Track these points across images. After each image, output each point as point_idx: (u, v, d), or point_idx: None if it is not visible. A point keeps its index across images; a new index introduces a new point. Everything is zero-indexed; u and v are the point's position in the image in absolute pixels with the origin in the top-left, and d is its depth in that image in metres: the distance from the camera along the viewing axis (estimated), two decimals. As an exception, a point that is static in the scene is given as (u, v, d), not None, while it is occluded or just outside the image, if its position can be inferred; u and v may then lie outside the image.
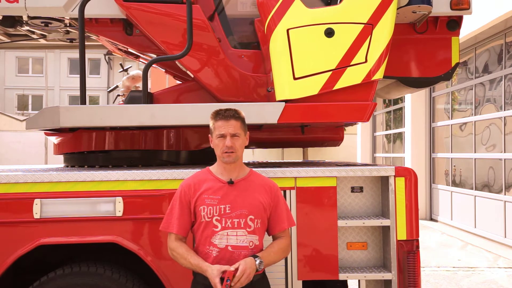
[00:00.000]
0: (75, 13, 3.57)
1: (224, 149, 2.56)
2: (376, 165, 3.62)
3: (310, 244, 3.19)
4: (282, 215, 2.68)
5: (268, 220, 2.66)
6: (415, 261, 3.20)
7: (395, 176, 3.24)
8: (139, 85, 5.11)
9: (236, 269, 2.41)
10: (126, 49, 4.26)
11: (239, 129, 2.58)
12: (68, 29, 4.16)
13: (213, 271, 2.41)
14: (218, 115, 2.60)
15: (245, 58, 3.74)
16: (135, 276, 3.18)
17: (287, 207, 2.76)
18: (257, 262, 2.48)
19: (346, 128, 4.71)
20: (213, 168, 2.71)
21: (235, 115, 2.59)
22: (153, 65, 3.88)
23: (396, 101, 13.95)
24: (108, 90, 6.06)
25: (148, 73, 3.54)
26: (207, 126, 2.74)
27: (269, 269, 2.78)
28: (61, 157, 4.13)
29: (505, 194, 8.68)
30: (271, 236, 2.73)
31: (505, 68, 8.87)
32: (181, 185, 2.69)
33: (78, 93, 4.40)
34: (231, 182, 2.60)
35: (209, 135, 2.69)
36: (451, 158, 10.95)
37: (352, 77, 3.32)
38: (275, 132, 4.33)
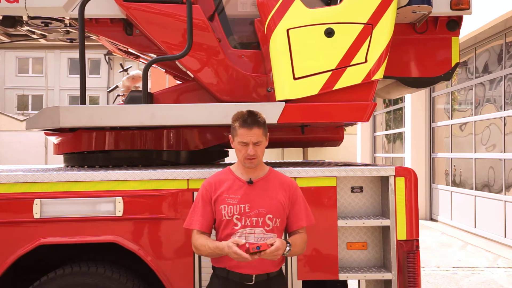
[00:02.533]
0: (75, 13, 3.57)
1: (247, 156, 2.60)
2: (376, 165, 3.62)
3: (310, 244, 3.17)
4: (301, 212, 2.70)
5: (287, 218, 2.69)
6: (415, 261, 3.20)
7: (395, 176, 3.24)
8: (139, 85, 5.11)
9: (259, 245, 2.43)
10: (126, 49, 4.26)
11: (261, 137, 2.62)
12: (68, 29, 4.16)
13: (228, 243, 2.43)
14: (241, 121, 2.60)
15: (245, 58, 3.74)
16: (135, 276, 3.19)
17: (306, 205, 2.76)
18: (287, 249, 2.50)
19: (346, 128, 4.70)
20: (233, 167, 2.75)
21: (258, 122, 2.61)
22: (153, 65, 3.88)
23: (396, 101, 13.95)
24: (108, 90, 6.06)
25: (148, 73, 3.54)
26: (207, 126, 2.75)
27: (269, 269, 2.78)
28: (61, 157, 4.13)
29: (505, 194, 8.68)
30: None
31: (505, 68, 8.87)
32: (203, 184, 2.73)
33: (78, 93, 4.39)
34: (250, 182, 2.64)
35: (230, 135, 2.71)
36: (451, 158, 10.95)
37: (352, 77, 3.32)
38: (275, 132, 4.33)
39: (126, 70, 5.39)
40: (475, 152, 9.84)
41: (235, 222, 2.59)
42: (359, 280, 3.93)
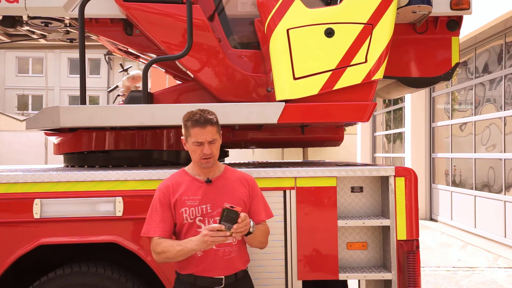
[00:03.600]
0: (75, 13, 3.57)
1: (203, 156, 2.55)
2: (376, 165, 3.62)
3: (310, 244, 3.19)
4: (260, 207, 2.70)
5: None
6: (415, 261, 3.20)
7: (395, 176, 3.24)
8: (139, 85, 5.11)
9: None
10: (126, 49, 4.26)
11: (216, 134, 2.57)
12: (68, 29, 4.16)
13: (203, 229, 2.41)
14: (193, 121, 2.54)
15: (245, 58, 3.74)
16: (135, 276, 3.19)
17: (264, 199, 2.77)
18: (252, 224, 2.49)
19: (346, 128, 4.71)
20: (188, 169, 2.71)
21: (211, 120, 2.56)
22: (153, 65, 3.88)
23: (396, 101, 13.95)
24: (108, 90, 6.06)
25: (148, 73, 3.54)
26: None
27: (268, 269, 2.79)
28: (61, 157, 4.13)
29: (505, 194, 8.68)
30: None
31: (505, 68, 8.87)
32: (158, 188, 2.67)
33: (78, 93, 4.39)
34: (209, 181, 2.61)
35: (182, 137, 2.65)
36: (451, 158, 10.95)
37: (352, 77, 3.32)
38: (275, 132, 4.33)
39: (126, 70, 5.39)
40: (475, 152, 9.84)
41: (198, 224, 2.55)
42: (359, 280, 3.93)
